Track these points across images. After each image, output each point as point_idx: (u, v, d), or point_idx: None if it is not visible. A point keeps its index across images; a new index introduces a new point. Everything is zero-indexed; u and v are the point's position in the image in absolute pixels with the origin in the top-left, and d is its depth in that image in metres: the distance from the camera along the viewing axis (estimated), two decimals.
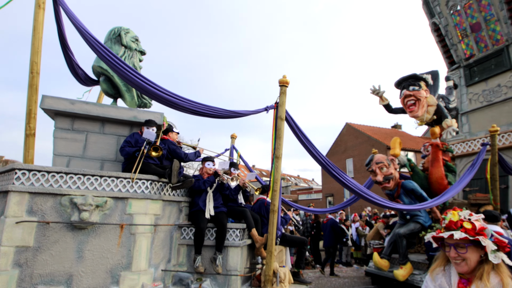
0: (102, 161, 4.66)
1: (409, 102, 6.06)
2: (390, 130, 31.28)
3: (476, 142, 8.77)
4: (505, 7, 8.58)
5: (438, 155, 6.23)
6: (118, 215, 3.63)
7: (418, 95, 5.97)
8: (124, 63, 3.93)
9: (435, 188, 6.18)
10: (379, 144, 25.03)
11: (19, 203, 3.22)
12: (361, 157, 27.08)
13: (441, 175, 6.14)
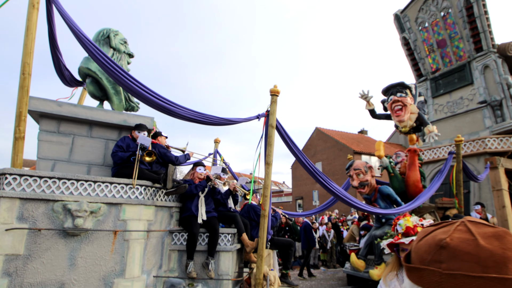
0: (89, 165, 4.56)
1: (396, 107, 6.50)
2: (357, 135, 32.63)
3: (441, 149, 9.47)
4: (467, 26, 9.40)
5: (415, 160, 6.71)
6: (112, 221, 3.58)
7: (405, 101, 6.43)
8: (120, 67, 3.90)
9: (412, 190, 6.64)
10: (346, 148, 26.09)
11: (9, 209, 3.09)
12: (329, 161, 28.05)
13: (417, 178, 6.62)
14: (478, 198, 8.18)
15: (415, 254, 0.68)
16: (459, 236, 0.63)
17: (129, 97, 5.37)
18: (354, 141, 28.70)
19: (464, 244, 0.61)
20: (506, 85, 8.58)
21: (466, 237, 0.62)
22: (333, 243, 10.85)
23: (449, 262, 0.61)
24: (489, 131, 8.77)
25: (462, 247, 0.61)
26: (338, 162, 27.13)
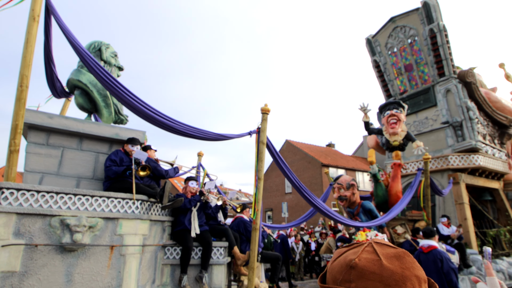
0: (79, 179, 4.49)
1: (392, 120, 7.08)
2: (325, 148, 33.80)
3: (409, 165, 10.19)
4: (432, 53, 10.35)
5: (398, 173, 7.24)
6: (108, 236, 3.57)
7: (400, 116, 7.06)
8: (119, 82, 3.96)
9: (393, 200, 7.14)
10: (314, 161, 26.95)
11: (5, 224, 3.01)
12: (298, 173, 28.73)
13: (399, 190, 7.16)
14: (443, 211, 8.87)
15: (329, 274, 0.71)
16: (366, 256, 0.67)
17: (118, 110, 5.37)
18: (322, 154, 29.72)
19: (370, 264, 0.65)
20: (465, 108, 9.50)
21: (372, 258, 0.66)
22: (301, 255, 11.11)
23: (357, 282, 0.64)
24: (451, 149, 9.61)
25: (368, 267, 0.65)
26: (307, 174, 27.89)
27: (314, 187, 26.52)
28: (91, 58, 3.81)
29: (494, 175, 9.68)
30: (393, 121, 7.26)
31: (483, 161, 9.03)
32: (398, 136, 7.45)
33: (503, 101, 10.68)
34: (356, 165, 30.06)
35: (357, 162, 31.64)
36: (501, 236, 8.76)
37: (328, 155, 30.18)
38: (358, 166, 29.89)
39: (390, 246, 0.72)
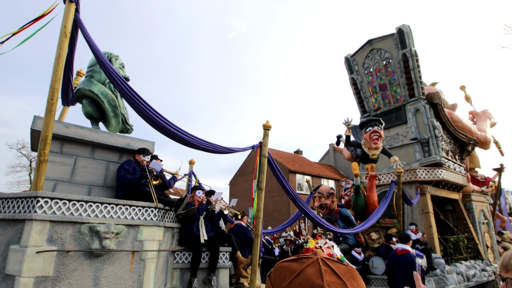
0: (90, 187, 4.67)
1: (374, 136, 7.79)
2: (293, 155, 34.92)
3: (381, 176, 11.09)
4: (404, 75, 11.40)
5: (374, 184, 7.97)
6: (130, 242, 3.82)
7: (381, 133, 7.79)
8: (140, 96, 4.23)
9: (371, 209, 7.85)
10: (282, 167, 27.78)
11: (40, 232, 3.19)
12: (266, 178, 29.37)
13: (376, 199, 7.88)
14: (411, 219, 9.79)
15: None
16: (331, 280, 0.67)
17: (125, 119, 5.58)
18: (290, 160, 30.66)
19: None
20: (432, 126, 10.59)
21: (337, 281, 0.67)
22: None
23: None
24: (419, 163, 10.63)
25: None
26: (274, 180, 28.55)
27: (281, 192, 27.27)
28: (115, 72, 4.05)
29: (455, 187, 10.83)
30: (375, 137, 8.03)
31: (446, 175, 10.11)
32: (377, 150, 8.25)
33: (463, 121, 11.98)
34: (322, 172, 31.32)
35: (323, 169, 33.02)
36: (460, 242, 9.84)
37: (296, 161, 31.18)
38: (324, 173, 31.16)
39: (338, 262, 0.75)
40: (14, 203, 3.36)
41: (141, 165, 4.73)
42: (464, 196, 11.35)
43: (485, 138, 12.35)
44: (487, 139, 12.41)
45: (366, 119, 8.58)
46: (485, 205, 11.93)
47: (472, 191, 11.57)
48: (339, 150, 39.07)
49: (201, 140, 4.62)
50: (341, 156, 38.61)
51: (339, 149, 39.38)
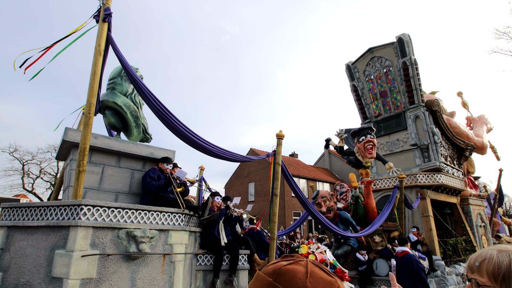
0: (117, 194, 4.94)
1: (368, 145, 8.11)
2: (288, 158, 35.30)
3: (382, 181, 11.46)
4: (404, 83, 11.82)
5: (370, 190, 8.33)
6: (161, 245, 4.10)
7: (374, 142, 8.09)
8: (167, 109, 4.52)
9: (371, 215, 8.19)
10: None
11: (84, 237, 3.46)
12: (261, 182, 29.80)
13: (374, 205, 8.21)
14: (412, 223, 10.16)
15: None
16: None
17: (145, 129, 5.86)
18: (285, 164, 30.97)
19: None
20: (431, 133, 11.00)
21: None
22: None
23: None
24: (418, 168, 11.02)
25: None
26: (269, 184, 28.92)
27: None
28: (144, 86, 4.34)
29: (453, 191, 11.24)
30: (369, 146, 8.36)
31: (445, 180, 10.51)
32: (372, 159, 8.59)
33: (461, 127, 12.42)
34: (317, 175, 31.70)
35: (318, 172, 33.44)
36: (459, 244, 10.22)
37: (291, 164, 31.54)
38: (319, 176, 31.55)
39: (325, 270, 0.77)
40: (57, 211, 3.63)
41: (165, 173, 5.02)
42: (462, 200, 11.76)
43: (482, 143, 12.80)
44: (484, 144, 12.87)
45: (358, 128, 8.89)
46: (482, 209, 12.35)
47: (470, 195, 11.98)
48: (334, 153, 39.61)
49: (222, 149, 4.92)
50: (336, 160, 39.11)
51: (334, 152, 39.92)
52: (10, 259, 3.71)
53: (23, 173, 34.32)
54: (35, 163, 35.25)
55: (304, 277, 0.72)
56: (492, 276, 0.98)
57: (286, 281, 0.71)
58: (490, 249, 1.07)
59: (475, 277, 1.03)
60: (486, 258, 1.02)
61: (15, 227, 3.80)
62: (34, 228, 3.67)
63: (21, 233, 3.76)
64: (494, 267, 0.99)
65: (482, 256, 1.04)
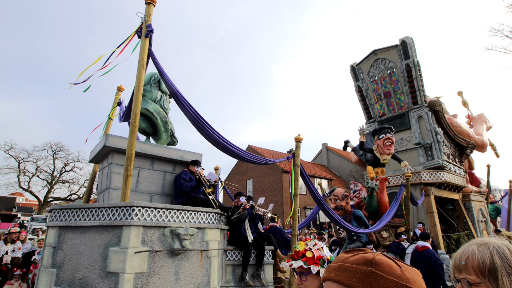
0: (151, 195, 5.31)
1: (387, 143, 8.60)
2: (286, 154, 35.64)
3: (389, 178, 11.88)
4: (407, 84, 12.22)
5: (384, 186, 8.79)
6: (199, 242, 4.48)
7: (393, 140, 8.59)
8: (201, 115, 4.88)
9: (383, 209, 8.63)
10: (276, 167, 28.39)
11: (136, 235, 3.83)
12: (260, 179, 30.15)
13: (387, 200, 8.68)
14: (417, 218, 10.61)
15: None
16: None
17: (172, 133, 6.22)
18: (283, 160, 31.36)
19: None
20: (434, 132, 11.43)
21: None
22: None
23: None
24: (422, 167, 11.46)
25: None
26: (268, 180, 29.36)
27: (274, 192, 28.02)
28: (182, 96, 4.70)
29: (455, 188, 11.69)
30: (388, 143, 8.83)
31: (447, 177, 10.95)
32: (389, 156, 9.05)
33: (462, 126, 12.86)
34: (315, 171, 32.10)
35: (316, 169, 33.88)
36: (461, 239, 10.69)
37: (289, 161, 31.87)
38: (317, 173, 31.97)
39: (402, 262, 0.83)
40: (109, 211, 4.00)
41: (195, 174, 5.39)
42: (463, 196, 12.22)
43: (482, 141, 13.26)
44: (484, 142, 13.32)
45: (379, 127, 9.38)
46: (483, 204, 12.83)
47: (471, 191, 12.45)
48: (331, 150, 40.04)
49: (248, 153, 5.30)
50: (333, 156, 39.58)
51: (332, 148, 40.38)
52: (63, 257, 4.08)
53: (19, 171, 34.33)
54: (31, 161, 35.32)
55: (399, 267, 0.78)
56: (479, 271, 0.97)
57: (386, 270, 0.75)
58: (469, 245, 1.06)
59: (463, 276, 1.01)
60: (469, 255, 1.01)
61: (67, 227, 4.16)
62: (86, 227, 4.04)
63: (73, 232, 4.12)
64: (478, 262, 0.98)
65: (465, 254, 1.03)
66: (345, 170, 36.38)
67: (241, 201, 5.79)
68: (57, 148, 36.53)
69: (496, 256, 0.96)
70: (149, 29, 4.33)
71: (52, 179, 36.61)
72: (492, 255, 0.97)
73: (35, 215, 30.93)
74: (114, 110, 6.84)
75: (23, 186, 34.80)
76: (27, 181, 35.13)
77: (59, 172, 37.33)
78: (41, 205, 35.52)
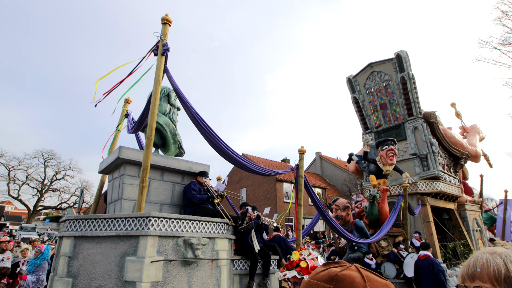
0: (161, 205, 5.47)
1: (390, 153, 8.90)
2: (280, 163, 35.94)
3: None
4: (402, 96, 12.61)
5: (386, 196, 9.03)
6: (209, 252, 4.63)
7: (395, 151, 8.86)
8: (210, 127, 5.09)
9: (383, 218, 8.86)
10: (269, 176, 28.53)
11: (152, 245, 3.99)
12: (253, 187, 30.23)
13: (388, 210, 8.90)
14: (414, 228, 10.84)
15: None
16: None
17: (180, 145, 6.41)
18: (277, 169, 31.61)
19: None
20: (429, 143, 11.77)
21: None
22: None
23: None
24: (418, 177, 11.75)
25: None
26: (262, 189, 29.48)
27: (268, 201, 28.14)
28: (195, 110, 4.91)
29: (451, 197, 11.99)
30: (391, 154, 9.14)
31: (443, 187, 11.25)
32: (391, 167, 9.33)
33: (456, 137, 13.24)
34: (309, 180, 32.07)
35: (310, 177, 34.10)
36: (457, 248, 10.93)
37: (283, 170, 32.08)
38: (311, 182, 32.18)
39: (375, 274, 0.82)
40: (125, 222, 4.15)
41: (203, 185, 5.57)
42: (458, 205, 12.52)
43: (476, 152, 13.64)
44: (477, 153, 13.71)
45: (383, 139, 9.73)
46: (477, 214, 13.14)
47: (466, 201, 12.76)
48: (325, 158, 40.38)
49: (256, 165, 5.51)
50: (327, 165, 39.92)
51: (325, 157, 40.74)
52: (79, 266, 4.20)
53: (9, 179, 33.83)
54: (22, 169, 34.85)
55: (363, 282, 0.75)
56: (494, 280, 0.96)
57: (346, 286, 0.74)
58: (482, 253, 1.05)
59: (477, 284, 1.00)
60: (484, 263, 1.00)
61: (83, 237, 4.29)
62: (103, 237, 4.18)
63: (88, 242, 4.26)
64: (494, 270, 0.97)
65: (479, 261, 1.02)
66: (339, 179, 36.70)
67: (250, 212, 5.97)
68: (49, 156, 36.23)
69: (510, 264, 0.97)
70: (165, 47, 4.57)
71: (42, 187, 36.11)
72: (506, 263, 0.97)
73: (24, 224, 30.48)
74: (122, 122, 7.02)
75: (12, 195, 34.24)
76: (17, 189, 34.63)
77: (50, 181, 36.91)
78: (30, 214, 35.00)
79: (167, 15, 4.84)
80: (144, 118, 5.49)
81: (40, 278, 7.17)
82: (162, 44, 4.58)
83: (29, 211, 35.00)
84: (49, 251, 7.85)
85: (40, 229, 32.11)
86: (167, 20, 4.76)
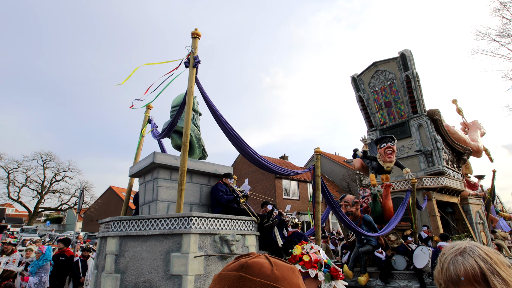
0: (191, 205, 5.90)
1: (388, 151, 9.24)
2: (279, 160, 36.14)
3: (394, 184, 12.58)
4: (407, 94, 13.01)
5: (389, 192, 9.44)
6: (241, 247, 5.07)
7: (394, 148, 9.24)
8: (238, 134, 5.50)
9: (387, 214, 9.30)
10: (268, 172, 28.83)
11: (194, 242, 4.42)
12: (252, 184, 30.45)
13: (391, 205, 9.33)
14: (420, 222, 11.30)
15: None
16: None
17: (204, 148, 6.82)
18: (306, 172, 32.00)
19: None
20: (434, 139, 12.20)
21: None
22: None
23: None
24: (424, 172, 12.20)
25: None
26: (261, 186, 29.85)
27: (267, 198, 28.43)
28: (225, 120, 5.32)
29: (454, 192, 12.45)
30: (389, 152, 9.53)
31: (447, 182, 11.70)
32: (391, 163, 9.75)
33: (459, 133, 13.68)
34: (308, 177, 32.61)
35: (309, 174, 34.17)
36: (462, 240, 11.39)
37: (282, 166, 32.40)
38: (310, 178, 32.36)
39: (282, 260, 0.86)
40: (168, 221, 4.58)
41: (229, 186, 5.99)
42: (462, 199, 12.98)
43: (478, 147, 14.09)
44: (479, 148, 14.16)
45: (381, 137, 10.11)
46: (480, 207, 13.61)
47: (468, 195, 13.22)
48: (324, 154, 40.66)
49: (278, 166, 5.94)
50: (326, 161, 40.21)
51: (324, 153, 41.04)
52: (126, 263, 4.63)
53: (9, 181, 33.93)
54: (21, 171, 34.93)
55: (270, 266, 0.79)
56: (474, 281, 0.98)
57: (255, 272, 0.77)
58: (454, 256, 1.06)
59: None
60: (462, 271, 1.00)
61: (128, 236, 4.72)
62: (147, 236, 4.61)
63: (133, 241, 4.68)
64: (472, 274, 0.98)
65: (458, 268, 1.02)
66: (337, 174, 37.02)
67: (268, 209, 6.40)
68: (47, 157, 36.18)
69: (480, 260, 0.99)
70: (196, 60, 4.97)
71: (42, 189, 36.19)
72: (477, 261, 0.99)
73: (25, 226, 30.75)
74: (145, 127, 7.43)
75: (12, 197, 34.31)
76: (17, 192, 34.68)
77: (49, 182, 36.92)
78: (31, 216, 35.21)
79: (197, 29, 5.23)
80: (173, 125, 5.90)
81: (42, 280, 7.02)
82: (193, 57, 4.97)
83: (29, 213, 35.25)
84: (51, 251, 7.68)
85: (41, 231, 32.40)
86: (196, 34, 5.16)
